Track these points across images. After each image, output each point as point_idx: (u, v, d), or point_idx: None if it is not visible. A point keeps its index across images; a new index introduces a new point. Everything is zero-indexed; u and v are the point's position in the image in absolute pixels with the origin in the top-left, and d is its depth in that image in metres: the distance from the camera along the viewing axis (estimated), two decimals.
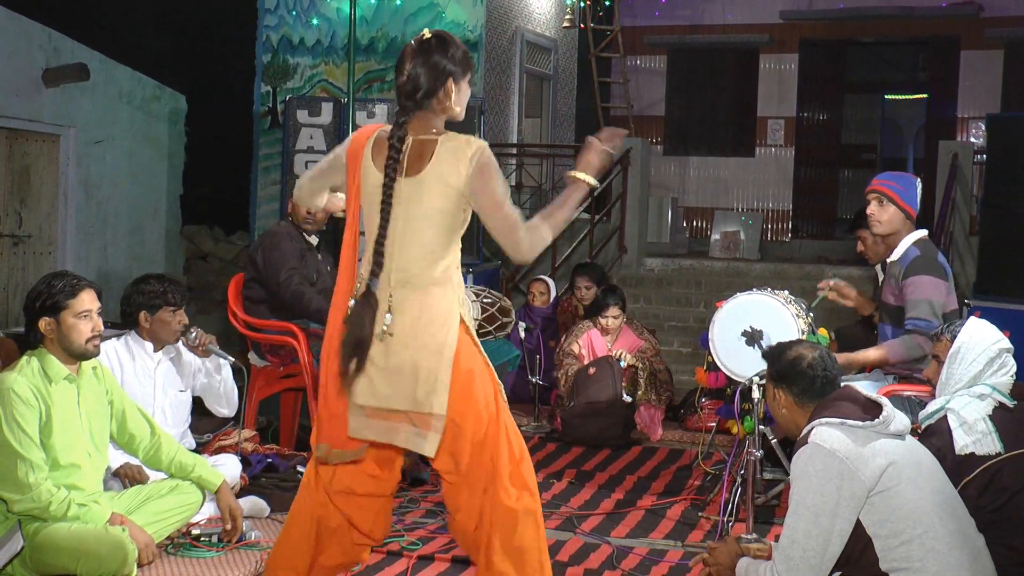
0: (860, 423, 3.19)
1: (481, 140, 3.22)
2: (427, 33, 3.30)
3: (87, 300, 4.08)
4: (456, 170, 3.16)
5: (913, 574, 3.08)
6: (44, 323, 4.07)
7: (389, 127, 3.29)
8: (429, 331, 3.16)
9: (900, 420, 3.26)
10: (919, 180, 5.16)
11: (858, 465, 3.11)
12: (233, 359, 5.26)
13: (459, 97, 3.30)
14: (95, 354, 4.16)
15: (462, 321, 3.24)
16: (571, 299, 8.31)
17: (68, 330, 4.06)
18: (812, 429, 3.24)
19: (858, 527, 3.12)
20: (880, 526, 3.11)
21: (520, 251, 3.19)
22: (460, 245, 3.31)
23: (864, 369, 5.00)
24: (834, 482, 3.10)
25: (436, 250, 3.21)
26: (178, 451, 4.52)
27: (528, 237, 3.18)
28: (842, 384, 3.48)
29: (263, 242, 6.04)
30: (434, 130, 3.26)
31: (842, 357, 4.74)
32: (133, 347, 5.09)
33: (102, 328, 4.15)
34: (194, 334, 5.07)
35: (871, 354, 4.89)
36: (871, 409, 3.26)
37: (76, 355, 4.11)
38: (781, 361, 3.46)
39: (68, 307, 4.05)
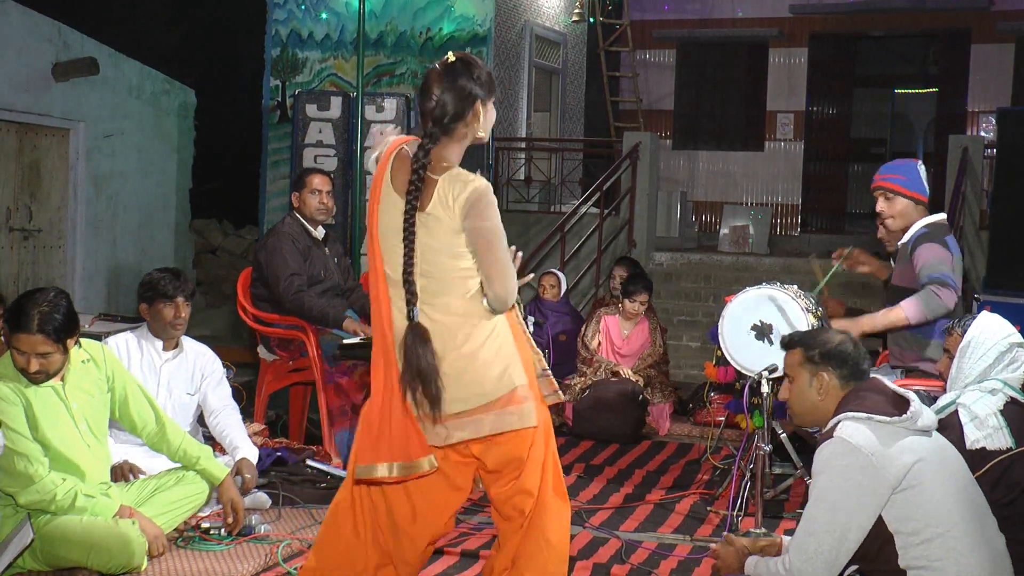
0: (887, 418, 3.14)
1: (481, 180, 3.20)
2: (451, 56, 3.30)
3: (24, 342, 4.00)
4: (449, 211, 3.17)
5: (932, 573, 3.04)
6: None
7: (411, 143, 3.29)
8: (474, 331, 3.21)
9: (927, 416, 3.21)
10: (920, 163, 5.11)
11: (883, 462, 3.07)
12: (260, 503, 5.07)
13: (486, 120, 3.32)
14: (36, 383, 4.09)
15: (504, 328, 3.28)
16: (607, 296, 8.53)
17: (11, 349, 4.08)
18: (838, 423, 3.18)
19: (879, 523, 3.08)
20: (902, 523, 3.07)
21: (503, 297, 3.19)
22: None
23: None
24: (856, 478, 3.06)
25: (455, 272, 3.22)
26: (183, 440, 4.52)
27: (513, 289, 3.21)
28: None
29: (266, 244, 6.04)
30: (444, 163, 3.25)
31: (851, 322, 4.71)
32: (143, 342, 5.09)
33: (52, 369, 4.08)
34: (240, 480, 4.85)
35: (890, 316, 4.74)
36: (899, 403, 3.20)
37: None
38: (825, 344, 3.36)
39: (11, 335, 4.04)
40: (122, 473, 4.66)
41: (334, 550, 3.39)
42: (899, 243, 5.03)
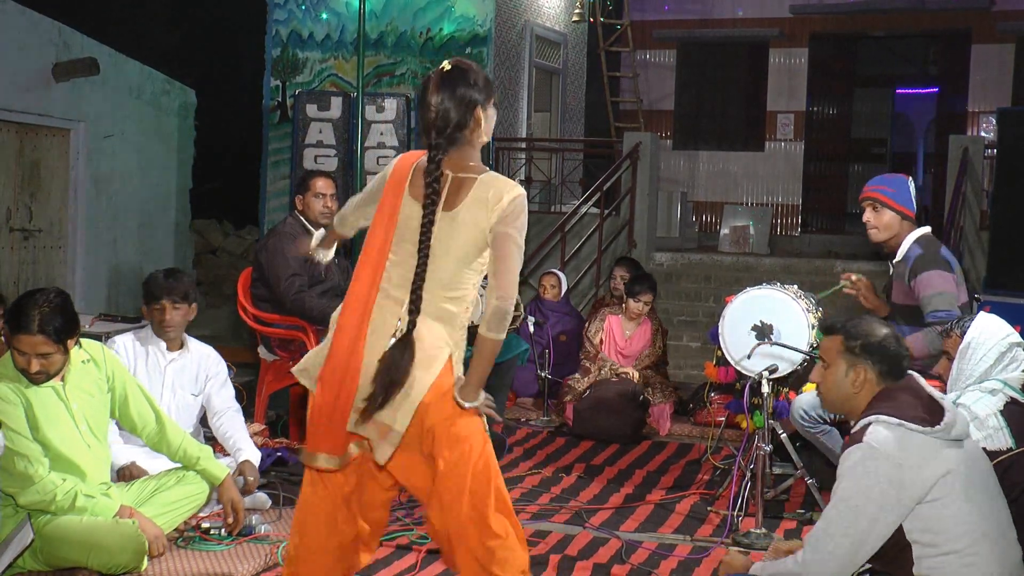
0: (920, 428, 3.06)
1: (520, 188, 3.23)
2: (447, 65, 3.29)
3: (25, 343, 4.01)
4: (488, 213, 3.17)
5: None
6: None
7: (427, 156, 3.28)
8: (419, 366, 3.17)
9: (961, 425, 3.14)
10: (911, 179, 5.12)
11: (910, 475, 3.01)
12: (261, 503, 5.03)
13: (487, 124, 3.32)
14: (37, 383, 4.10)
15: (449, 363, 3.23)
16: (607, 296, 8.58)
17: (11, 350, 4.08)
18: (869, 426, 3.11)
19: (898, 531, 3.05)
20: (921, 535, 3.03)
21: (508, 298, 3.17)
22: (477, 286, 3.29)
23: None
24: (882, 487, 3.01)
25: (455, 285, 3.22)
26: (184, 440, 4.51)
27: (515, 297, 3.20)
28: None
29: (266, 245, 6.04)
30: (471, 163, 3.26)
31: None
32: (148, 343, 5.08)
33: (52, 369, 4.09)
34: (242, 481, 4.86)
35: None
36: (933, 409, 3.12)
37: None
38: (868, 336, 3.26)
39: (12, 335, 4.04)
40: (130, 476, 4.65)
41: (315, 529, 3.38)
42: (893, 260, 5.05)
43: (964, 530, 3.01)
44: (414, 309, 3.16)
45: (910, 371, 3.29)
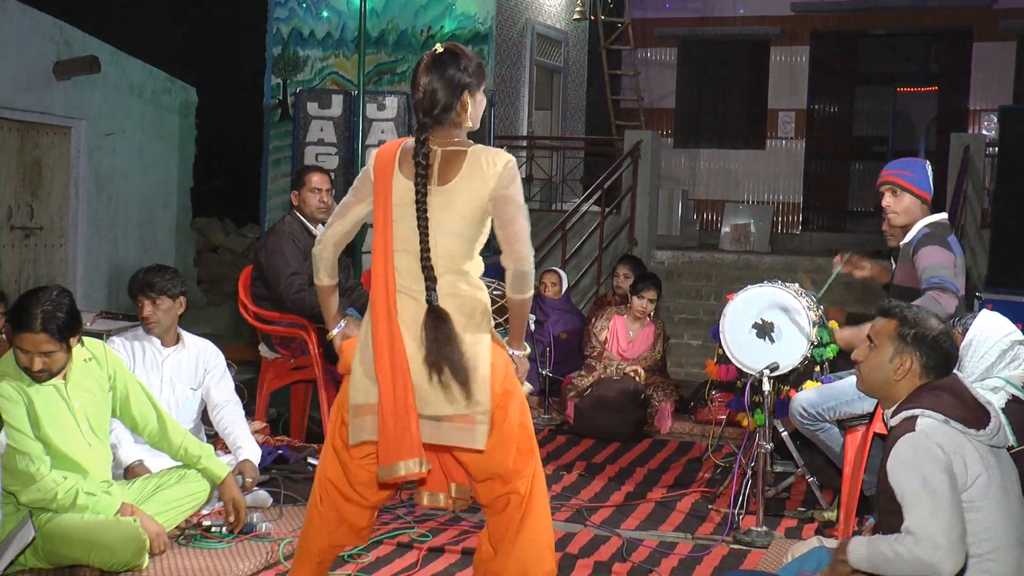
0: (964, 429, 3.05)
1: (509, 154, 3.30)
2: (440, 47, 3.34)
3: (28, 341, 4.01)
4: (484, 181, 3.22)
5: None
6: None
7: (413, 140, 3.31)
8: (467, 333, 3.22)
9: (1003, 433, 3.13)
10: (928, 163, 5.09)
11: (959, 465, 3.00)
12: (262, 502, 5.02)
13: (475, 109, 3.35)
14: (39, 381, 4.11)
15: (493, 334, 3.31)
16: (609, 293, 8.59)
17: (14, 348, 4.08)
18: (918, 418, 3.08)
19: None
20: None
21: (524, 259, 3.24)
22: (480, 259, 3.34)
23: None
24: (945, 469, 2.98)
25: (459, 258, 3.25)
26: (185, 439, 4.52)
27: (531, 256, 3.26)
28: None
29: (266, 244, 6.04)
30: (457, 139, 3.30)
31: (856, 329, 4.65)
32: (144, 340, 5.08)
33: (55, 367, 4.09)
34: (242, 480, 4.84)
35: None
36: (978, 412, 3.10)
37: None
38: (923, 328, 3.21)
39: (14, 334, 4.05)
40: (137, 475, 4.65)
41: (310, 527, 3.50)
42: (901, 243, 5.01)
43: (990, 535, 2.98)
44: (431, 285, 3.18)
45: (956, 372, 3.26)
